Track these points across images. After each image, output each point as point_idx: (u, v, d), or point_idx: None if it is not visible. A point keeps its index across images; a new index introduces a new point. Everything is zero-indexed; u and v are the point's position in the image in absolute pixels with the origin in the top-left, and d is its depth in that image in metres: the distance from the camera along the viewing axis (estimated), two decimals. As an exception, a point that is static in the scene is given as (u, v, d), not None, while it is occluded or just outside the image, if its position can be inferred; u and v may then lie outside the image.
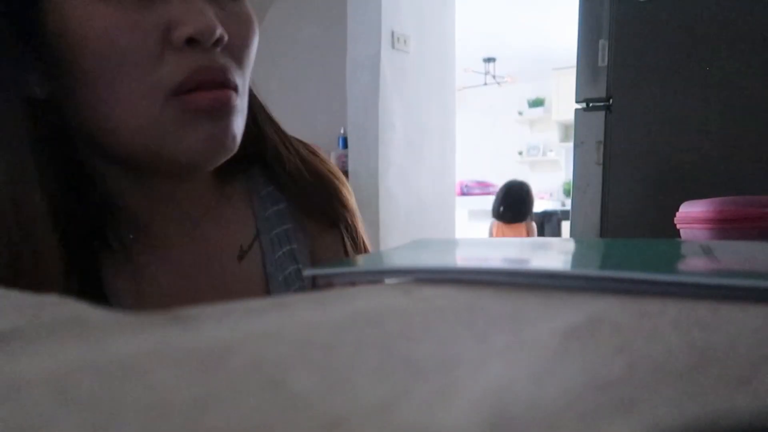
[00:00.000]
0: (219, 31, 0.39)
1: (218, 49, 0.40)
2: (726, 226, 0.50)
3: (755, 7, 1.23)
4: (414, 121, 2.59)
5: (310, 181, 0.54)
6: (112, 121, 0.39)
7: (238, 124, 0.43)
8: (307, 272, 0.28)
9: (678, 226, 0.57)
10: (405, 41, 2.50)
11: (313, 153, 0.56)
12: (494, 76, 6.45)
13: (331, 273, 0.29)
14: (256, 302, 0.20)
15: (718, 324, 0.17)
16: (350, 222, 0.57)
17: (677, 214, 0.57)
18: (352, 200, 0.57)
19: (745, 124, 1.25)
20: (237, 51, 0.42)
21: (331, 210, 0.55)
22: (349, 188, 0.57)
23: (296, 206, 0.54)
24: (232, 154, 0.43)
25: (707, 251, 0.33)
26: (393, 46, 2.45)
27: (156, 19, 0.38)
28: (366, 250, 0.59)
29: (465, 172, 5.69)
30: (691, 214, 0.54)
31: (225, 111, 0.41)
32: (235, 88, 0.41)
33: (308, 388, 0.12)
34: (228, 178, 0.52)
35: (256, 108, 0.52)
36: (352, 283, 0.26)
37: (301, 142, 0.57)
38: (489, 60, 6.29)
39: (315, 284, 0.52)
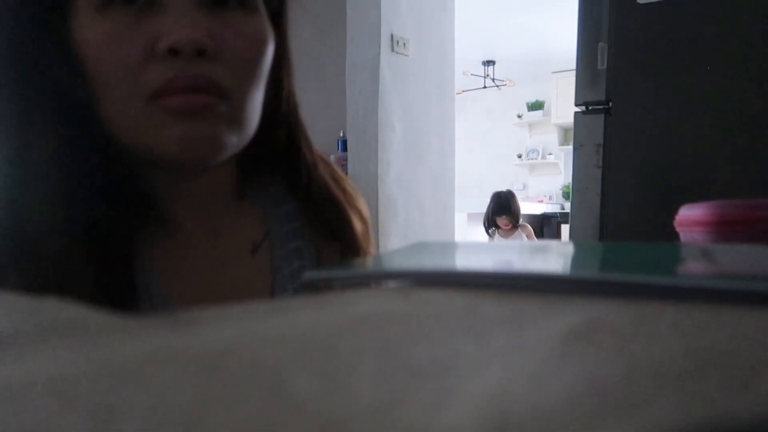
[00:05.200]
0: (201, 42, 0.42)
1: (204, 59, 0.43)
2: (725, 229, 0.50)
3: (754, 9, 1.23)
4: (413, 124, 2.59)
5: (328, 208, 0.58)
6: (110, 120, 0.44)
7: (223, 128, 0.45)
8: (307, 275, 0.28)
9: (677, 230, 0.57)
10: (404, 44, 2.51)
11: (337, 180, 0.60)
12: (494, 79, 6.45)
13: (330, 276, 0.29)
14: (256, 305, 0.20)
15: (717, 327, 0.17)
16: (354, 247, 0.59)
17: (676, 217, 0.57)
18: (363, 230, 0.60)
19: (745, 126, 1.25)
20: (235, 63, 0.45)
21: (340, 237, 0.59)
22: (366, 217, 0.61)
23: (308, 222, 0.58)
24: (217, 154, 0.46)
25: (707, 254, 0.33)
26: (392, 49, 2.45)
27: (145, 31, 0.42)
28: None
29: (464, 174, 5.69)
30: (691, 217, 0.54)
31: (201, 114, 0.44)
32: (221, 95, 0.44)
33: (307, 391, 0.12)
34: (248, 179, 0.56)
35: (294, 123, 0.56)
36: (351, 286, 0.26)
37: (328, 165, 0.60)
38: (488, 63, 6.30)
39: (313, 287, 0.53)
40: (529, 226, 3.88)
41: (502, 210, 3.68)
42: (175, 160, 0.45)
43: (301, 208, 0.58)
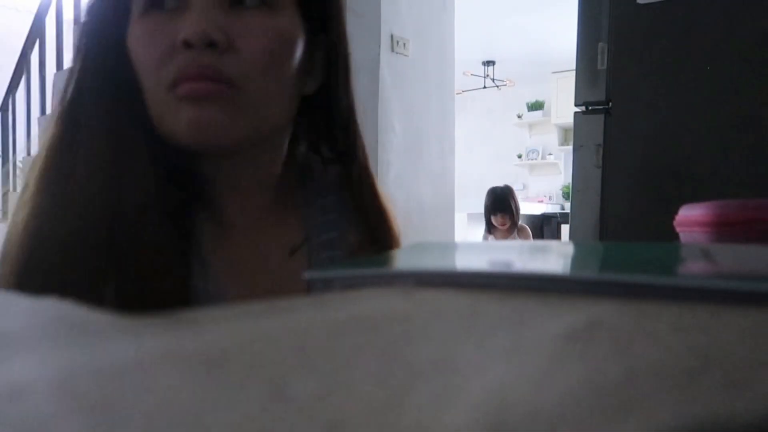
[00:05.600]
0: (210, 35, 0.46)
1: (215, 51, 0.47)
2: (725, 230, 0.50)
3: (754, 9, 1.23)
4: (413, 125, 2.59)
5: (374, 213, 0.62)
6: (148, 107, 0.50)
7: (229, 115, 0.49)
8: (308, 274, 0.28)
9: (677, 230, 0.57)
10: (404, 44, 2.50)
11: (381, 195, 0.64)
12: (493, 80, 6.45)
13: (330, 276, 0.29)
14: (256, 306, 0.20)
15: (717, 327, 0.17)
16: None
17: (676, 217, 0.57)
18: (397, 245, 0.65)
19: (745, 127, 1.25)
20: (249, 55, 0.48)
21: (381, 242, 0.62)
22: (399, 233, 0.65)
23: (347, 224, 0.62)
24: (223, 138, 0.49)
25: (706, 255, 0.33)
26: (392, 50, 2.45)
27: (171, 29, 0.47)
28: None
29: (464, 174, 5.68)
30: (691, 218, 0.54)
31: (207, 100, 0.48)
32: (228, 84, 0.48)
33: (308, 391, 0.12)
34: (295, 183, 0.60)
35: (351, 130, 0.60)
36: (352, 286, 0.26)
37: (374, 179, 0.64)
38: (488, 63, 6.29)
39: (315, 287, 0.53)
40: (528, 229, 3.43)
41: (497, 207, 3.19)
42: (186, 142, 0.49)
43: (343, 219, 0.61)
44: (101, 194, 0.47)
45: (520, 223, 3.34)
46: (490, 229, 3.30)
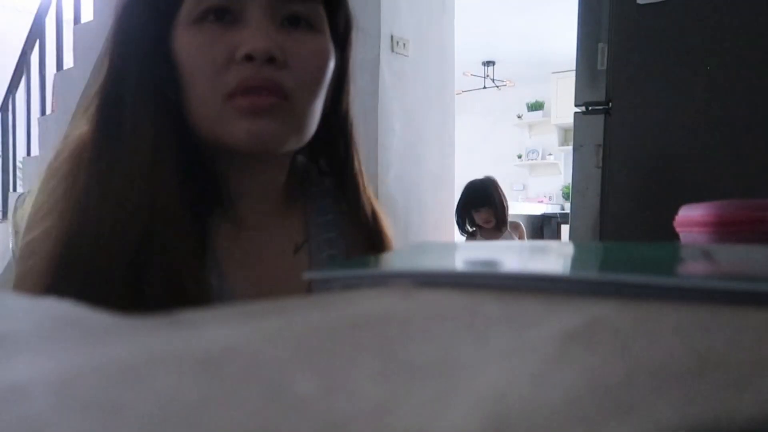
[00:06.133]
0: (272, 51, 0.50)
1: (273, 66, 0.51)
2: (725, 230, 0.50)
3: (753, 9, 1.23)
4: (413, 125, 2.59)
5: (368, 216, 0.65)
6: (193, 115, 0.53)
7: (283, 126, 0.53)
8: (307, 275, 0.28)
9: (677, 230, 0.57)
10: (404, 45, 2.50)
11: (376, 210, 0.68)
12: (493, 80, 6.45)
13: (330, 276, 0.29)
14: (256, 306, 0.20)
15: (717, 328, 0.17)
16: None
17: (676, 217, 0.57)
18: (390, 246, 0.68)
19: (745, 127, 1.25)
20: (300, 72, 0.53)
21: (375, 245, 0.66)
22: (391, 236, 0.68)
23: (344, 233, 0.66)
24: (277, 147, 0.53)
25: (707, 255, 0.33)
26: (392, 50, 2.45)
27: (229, 41, 0.51)
28: None
29: (464, 175, 5.68)
30: (691, 218, 0.54)
31: (265, 112, 0.51)
32: (284, 97, 0.52)
33: (308, 392, 0.12)
34: (299, 186, 0.64)
35: (349, 138, 0.64)
36: (352, 286, 0.26)
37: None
38: (488, 63, 6.29)
39: (314, 287, 0.54)
40: (522, 226, 2.89)
41: (478, 201, 2.69)
42: (241, 150, 0.53)
43: (340, 220, 0.65)
44: (140, 195, 0.49)
45: (514, 220, 2.92)
46: (466, 227, 2.79)
